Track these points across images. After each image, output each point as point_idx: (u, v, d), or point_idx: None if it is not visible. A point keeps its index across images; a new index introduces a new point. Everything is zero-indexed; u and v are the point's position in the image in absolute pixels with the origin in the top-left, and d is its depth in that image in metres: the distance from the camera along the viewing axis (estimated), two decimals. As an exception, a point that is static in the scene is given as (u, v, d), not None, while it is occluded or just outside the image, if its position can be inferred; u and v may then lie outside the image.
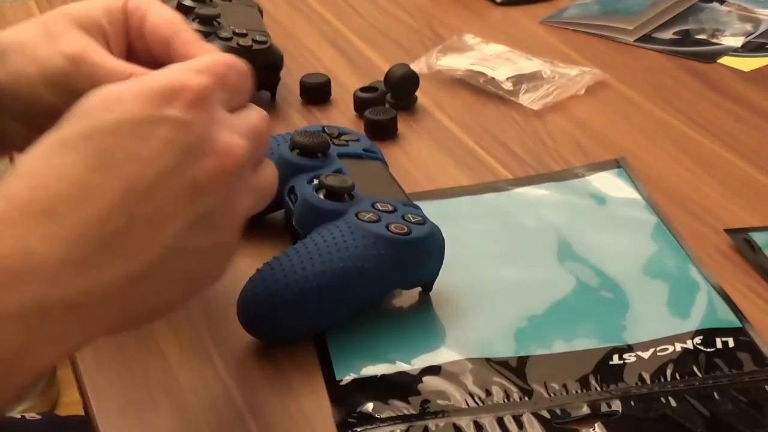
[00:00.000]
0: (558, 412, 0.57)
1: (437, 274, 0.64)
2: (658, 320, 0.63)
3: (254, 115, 0.52)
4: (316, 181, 0.66)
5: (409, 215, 0.63)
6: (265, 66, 0.88)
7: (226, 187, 0.48)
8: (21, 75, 0.60)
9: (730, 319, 0.63)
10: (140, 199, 0.45)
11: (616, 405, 0.57)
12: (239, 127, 0.49)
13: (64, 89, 0.58)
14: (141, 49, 0.62)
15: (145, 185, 0.45)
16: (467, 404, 0.57)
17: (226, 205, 0.49)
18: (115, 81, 0.49)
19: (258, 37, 0.88)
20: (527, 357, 0.60)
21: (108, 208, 0.44)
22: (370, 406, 0.57)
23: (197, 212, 0.47)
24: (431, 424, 0.56)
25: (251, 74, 0.53)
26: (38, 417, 0.92)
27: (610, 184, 0.77)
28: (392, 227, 0.62)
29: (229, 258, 0.51)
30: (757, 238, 0.71)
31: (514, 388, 0.58)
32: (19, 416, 0.91)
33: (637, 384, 0.58)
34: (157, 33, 0.61)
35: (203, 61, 0.50)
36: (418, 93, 0.90)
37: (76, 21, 0.61)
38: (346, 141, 0.72)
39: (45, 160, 0.45)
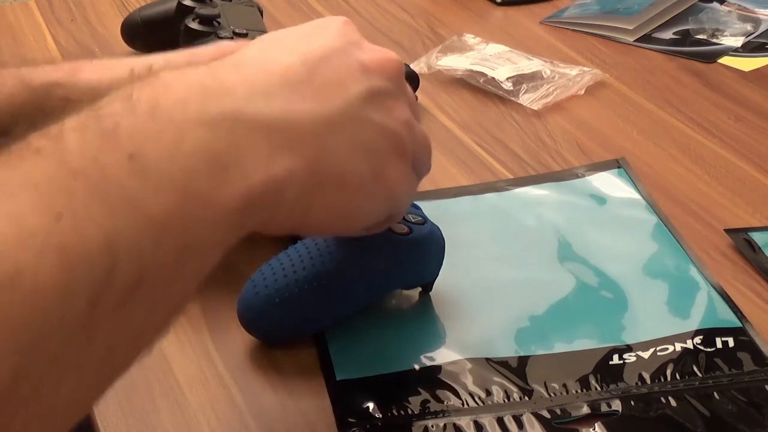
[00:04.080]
0: (558, 411, 0.57)
1: (437, 274, 0.64)
2: (658, 320, 0.63)
3: None
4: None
5: (410, 215, 0.63)
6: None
7: (391, 77, 0.53)
8: None
9: (730, 319, 0.63)
10: (317, 62, 0.50)
11: (616, 405, 0.57)
12: None
13: None
14: None
15: (319, 55, 0.50)
16: (467, 404, 0.57)
17: (398, 94, 0.53)
18: None
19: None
20: (527, 357, 0.60)
21: (288, 64, 0.49)
22: (370, 406, 0.57)
23: (370, 87, 0.51)
24: (431, 423, 0.56)
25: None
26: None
27: (610, 184, 0.77)
28: (392, 227, 0.62)
29: (405, 171, 0.53)
30: (757, 238, 0.71)
31: (514, 388, 0.58)
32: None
33: (637, 384, 0.58)
34: None
35: None
36: (418, 93, 0.90)
37: None
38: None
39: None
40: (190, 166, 0.42)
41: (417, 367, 0.60)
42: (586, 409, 0.57)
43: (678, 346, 0.61)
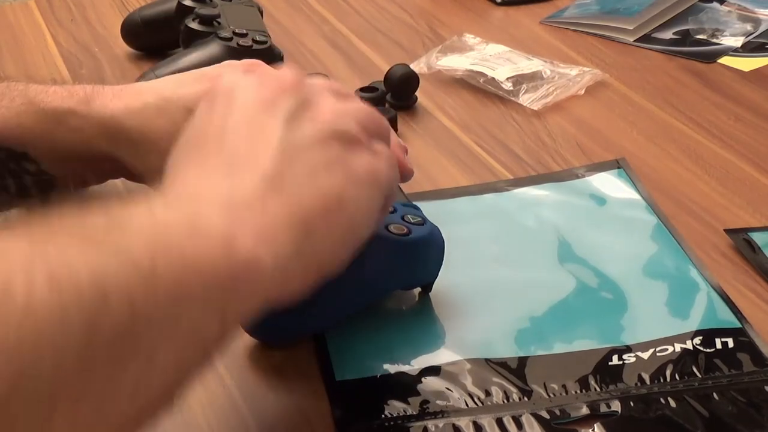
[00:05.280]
0: (557, 412, 0.57)
1: (437, 275, 0.64)
2: (658, 321, 0.63)
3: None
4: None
5: (409, 216, 0.63)
6: (265, 66, 0.88)
7: (289, 88, 0.52)
8: None
9: (729, 320, 0.63)
10: (235, 119, 0.51)
11: (616, 405, 0.57)
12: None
13: None
14: None
15: (226, 127, 0.51)
16: (467, 405, 0.57)
17: (306, 98, 0.53)
18: None
19: (258, 37, 0.88)
20: (527, 357, 0.60)
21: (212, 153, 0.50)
22: (369, 407, 0.57)
23: (286, 108, 0.51)
24: (431, 424, 0.56)
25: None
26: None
27: (610, 184, 0.77)
28: (392, 228, 0.62)
29: (367, 154, 0.53)
30: (757, 238, 0.71)
31: (513, 389, 0.58)
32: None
33: (636, 384, 0.58)
34: None
35: None
36: (418, 93, 0.90)
37: None
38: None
39: None
40: (160, 223, 0.43)
41: (417, 367, 0.60)
42: (585, 410, 0.57)
43: (677, 347, 0.61)
